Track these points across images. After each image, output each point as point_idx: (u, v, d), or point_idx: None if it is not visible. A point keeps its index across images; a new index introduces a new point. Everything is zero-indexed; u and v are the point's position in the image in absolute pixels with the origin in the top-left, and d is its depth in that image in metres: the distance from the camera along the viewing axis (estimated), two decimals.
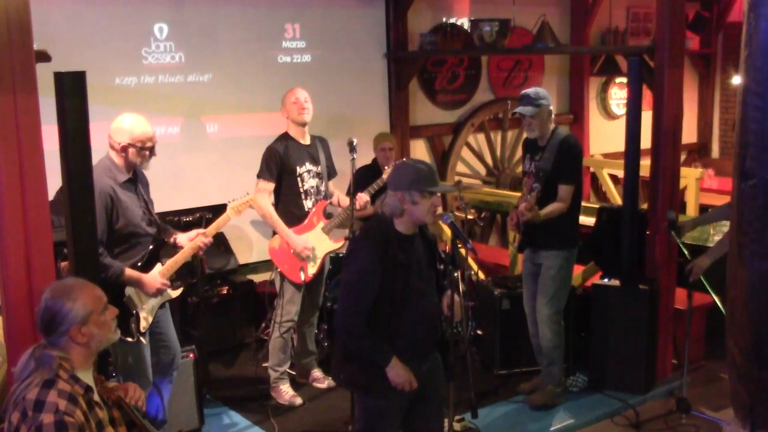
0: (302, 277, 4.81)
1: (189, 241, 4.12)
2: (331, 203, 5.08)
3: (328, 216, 5.01)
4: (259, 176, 4.83)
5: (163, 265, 4.01)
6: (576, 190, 4.63)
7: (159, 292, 3.94)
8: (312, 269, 4.88)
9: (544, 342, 4.73)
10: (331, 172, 5.09)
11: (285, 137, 4.89)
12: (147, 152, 3.88)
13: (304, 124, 4.88)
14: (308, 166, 4.89)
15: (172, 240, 4.15)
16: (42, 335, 2.60)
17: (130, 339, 3.84)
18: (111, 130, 3.85)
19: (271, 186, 4.82)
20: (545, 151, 4.59)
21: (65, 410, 2.41)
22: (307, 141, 4.93)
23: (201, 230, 4.18)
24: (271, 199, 4.89)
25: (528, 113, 4.54)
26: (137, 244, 3.91)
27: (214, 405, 4.96)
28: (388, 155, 5.69)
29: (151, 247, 3.97)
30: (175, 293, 4.13)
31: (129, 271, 3.81)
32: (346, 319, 3.22)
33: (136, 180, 3.94)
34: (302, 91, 4.90)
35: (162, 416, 4.19)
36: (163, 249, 4.12)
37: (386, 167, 5.22)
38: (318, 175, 4.94)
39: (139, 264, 3.90)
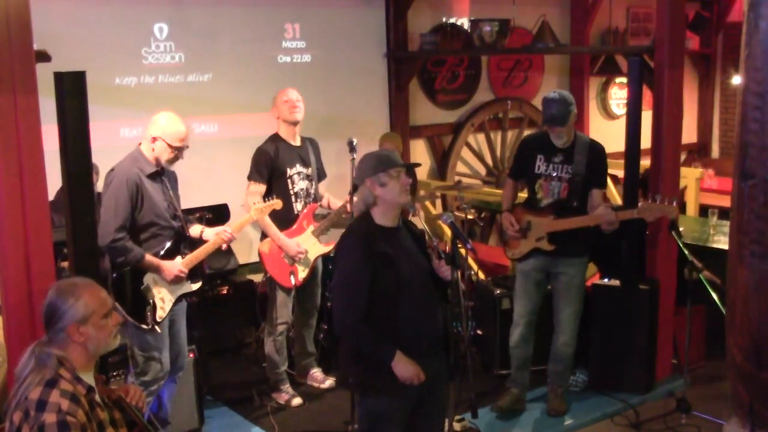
0: (293, 281, 4.80)
1: (215, 235, 4.19)
2: (321, 206, 5.06)
3: (318, 219, 4.99)
4: (249, 178, 4.79)
5: (183, 258, 4.07)
6: None
7: (177, 279, 4.01)
8: (302, 273, 4.86)
9: (566, 349, 4.68)
10: (321, 174, 5.06)
11: (275, 138, 4.86)
12: (174, 151, 3.95)
13: (295, 123, 4.84)
14: (298, 168, 4.86)
15: (199, 233, 4.21)
16: (44, 330, 2.61)
17: (144, 326, 3.89)
18: (148, 122, 3.98)
19: (263, 188, 4.76)
20: (574, 155, 4.47)
21: (68, 410, 2.41)
22: (297, 142, 4.90)
23: (225, 226, 4.28)
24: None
25: (561, 123, 4.41)
26: (159, 235, 3.99)
27: (214, 405, 4.96)
28: None
29: (173, 240, 4.05)
30: (194, 286, 4.18)
31: (149, 257, 3.90)
32: (344, 318, 3.21)
33: (162, 173, 4.03)
34: (294, 90, 4.88)
35: (163, 416, 4.20)
36: (188, 243, 4.16)
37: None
38: (308, 177, 4.91)
39: (161, 255, 3.98)
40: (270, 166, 4.76)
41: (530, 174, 4.62)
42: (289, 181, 4.83)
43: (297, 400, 4.95)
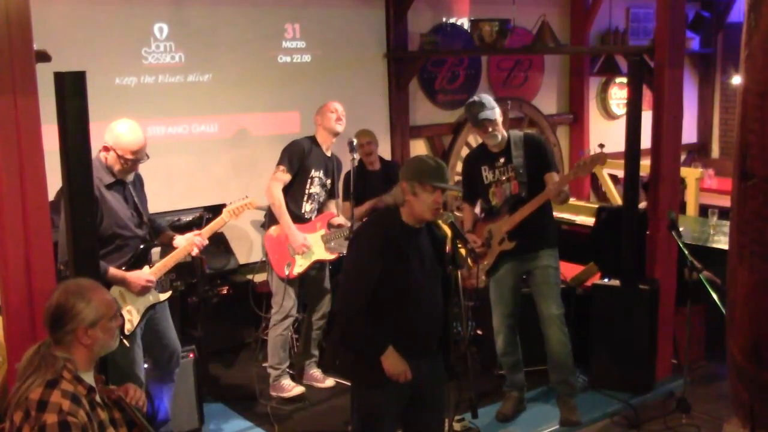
0: (286, 272, 4.83)
1: (185, 240, 4.12)
2: (332, 222, 5.12)
3: (330, 228, 5.07)
4: (279, 164, 4.87)
5: (151, 267, 3.98)
6: None
7: (144, 289, 3.90)
8: (298, 269, 4.90)
9: (561, 348, 4.56)
10: (333, 193, 5.14)
11: (312, 140, 4.99)
12: (125, 163, 3.81)
13: (336, 134, 4.99)
14: (321, 174, 4.97)
15: (170, 242, 4.14)
16: (47, 331, 2.60)
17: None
18: (107, 127, 3.85)
19: (288, 178, 4.85)
20: (511, 151, 4.50)
21: (68, 410, 2.41)
22: (328, 153, 5.04)
23: (197, 231, 4.19)
24: None
25: (495, 117, 4.44)
26: (124, 246, 3.87)
27: (214, 405, 4.96)
28: (367, 150, 5.69)
29: (139, 249, 3.93)
30: (163, 296, 4.07)
31: (113, 270, 3.78)
32: (346, 302, 3.27)
33: (124, 181, 3.89)
34: (340, 105, 5.03)
35: (163, 416, 4.19)
36: (160, 251, 4.11)
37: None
38: (324, 186, 5.01)
39: (125, 266, 3.87)
40: (301, 161, 4.86)
41: (481, 187, 4.63)
42: (309, 180, 4.93)
43: (300, 390, 4.97)
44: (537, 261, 4.56)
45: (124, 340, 3.83)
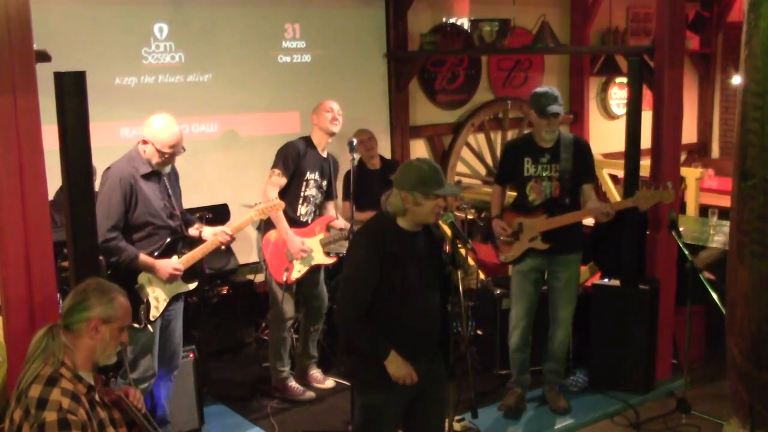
0: (284, 278, 4.82)
1: (213, 235, 4.18)
2: (333, 225, 5.11)
3: (329, 231, 5.06)
4: (274, 167, 4.83)
5: (180, 258, 4.06)
6: None
7: (172, 277, 4.00)
8: (296, 274, 4.87)
9: (562, 347, 4.81)
10: (330, 193, 5.11)
11: (307, 141, 4.94)
12: (162, 156, 3.95)
13: (331, 134, 4.94)
14: (316, 175, 4.93)
15: (197, 232, 4.22)
16: (62, 316, 2.64)
17: (137, 325, 3.88)
18: (145, 122, 3.98)
19: (284, 181, 4.82)
20: (560, 152, 4.51)
21: (68, 408, 2.42)
22: (324, 154, 5.00)
23: (224, 227, 4.26)
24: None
25: (562, 113, 4.50)
26: (154, 234, 3.98)
27: (214, 405, 4.96)
28: (368, 145, 5.68)
29: (170, 238, 4.03)
30: (191, 286, 4.17)
31: (143, 257, 3.90)
32: (344, 310, 3.27)
33: (160, 172, 4.01)
34: (337, 104, 4.99)
35: (161, 415, 4.20)
36: (186, 242, 4.15)
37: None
38: (320, 187, 4.98)
39: (156, 254, 3.97)
40: (296, 163, 4.83)
41: (520, 178, 4.63)
42: (304, 183, 4.89)
43: (310, 394, 4.98)
44: (562, 264, 4.63)
45: (149, 326, 3.93)
